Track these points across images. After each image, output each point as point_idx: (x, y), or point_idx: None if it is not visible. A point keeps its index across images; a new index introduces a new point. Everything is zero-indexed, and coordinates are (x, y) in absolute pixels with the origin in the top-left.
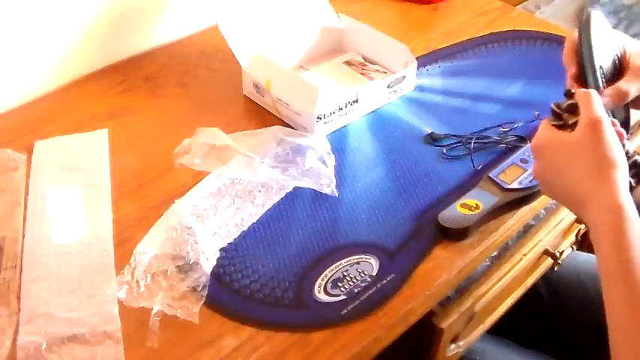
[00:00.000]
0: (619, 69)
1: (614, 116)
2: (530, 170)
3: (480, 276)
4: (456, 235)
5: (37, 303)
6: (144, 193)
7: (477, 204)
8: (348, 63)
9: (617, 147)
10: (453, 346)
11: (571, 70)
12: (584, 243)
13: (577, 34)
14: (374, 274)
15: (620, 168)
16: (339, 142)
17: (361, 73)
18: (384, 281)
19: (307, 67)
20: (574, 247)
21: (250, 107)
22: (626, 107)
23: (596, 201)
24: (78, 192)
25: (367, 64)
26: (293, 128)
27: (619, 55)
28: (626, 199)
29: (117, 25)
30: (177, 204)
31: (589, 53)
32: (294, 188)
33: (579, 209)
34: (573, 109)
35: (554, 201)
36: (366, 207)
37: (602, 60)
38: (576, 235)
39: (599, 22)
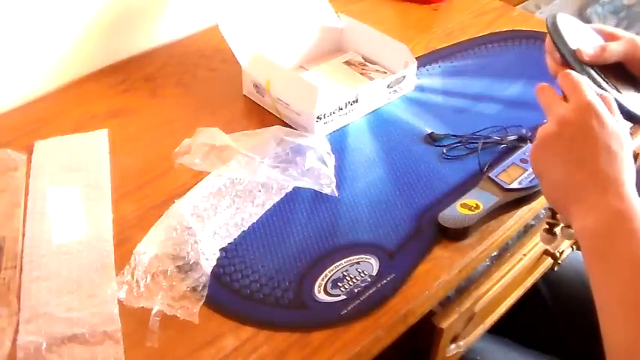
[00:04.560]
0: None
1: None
2: (530, 170)
3: (480, 276)
4: (455, 235)
5: (37, 303)
6: (144, 193)
7: (477, 204)
8: (348, 63)
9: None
10: (453, 346)
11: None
12: None
13: (549, 38)
14: (374, 274)
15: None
16: (339, 142)
17: (361, 73)
18: (384, 281)
19: (307, 67)
20: (574, 247)
21: (250, 107)
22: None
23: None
24: (78, 192)
25: (367, 64)
26: (293, 128)
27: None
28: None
29: (117, 25)
30: (177, 204)
31: (562, 41)
32: (294, 188)
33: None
34: None
35: None
36: (366, 207)
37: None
38: None
39: (568, 21)
